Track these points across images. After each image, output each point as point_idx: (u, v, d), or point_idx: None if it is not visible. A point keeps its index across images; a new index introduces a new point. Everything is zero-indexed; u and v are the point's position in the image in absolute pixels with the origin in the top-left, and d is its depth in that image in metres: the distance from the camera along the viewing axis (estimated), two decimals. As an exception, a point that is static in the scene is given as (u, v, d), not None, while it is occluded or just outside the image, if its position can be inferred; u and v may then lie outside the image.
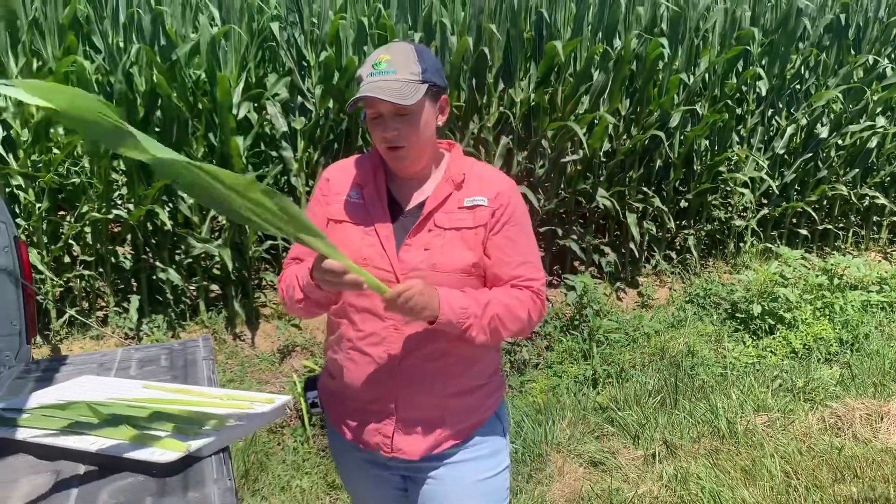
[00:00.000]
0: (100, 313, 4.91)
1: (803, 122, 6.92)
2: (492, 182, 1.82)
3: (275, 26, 5.24)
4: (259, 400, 1.89)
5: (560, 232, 6.15)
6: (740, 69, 6.72)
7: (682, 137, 6.34)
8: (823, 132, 6.91)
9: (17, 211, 4.64)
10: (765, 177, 6.66)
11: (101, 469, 1.59)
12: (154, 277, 5.03)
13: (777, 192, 6.91)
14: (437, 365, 1.79)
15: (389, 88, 1.65)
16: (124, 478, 1.55)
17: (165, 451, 1.57)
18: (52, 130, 4.80)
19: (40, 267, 4.57)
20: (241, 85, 5.09)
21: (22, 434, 1.72)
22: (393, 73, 1.68)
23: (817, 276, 6.05)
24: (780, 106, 6.95)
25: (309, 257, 1.77)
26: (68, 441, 1.66)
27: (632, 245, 6.24)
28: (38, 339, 4.51)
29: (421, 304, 1.60)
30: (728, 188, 6.79)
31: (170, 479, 1.53)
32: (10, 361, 2.57)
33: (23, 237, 4.14)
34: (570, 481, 3.59)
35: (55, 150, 4.73)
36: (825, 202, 7.31)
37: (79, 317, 4.26)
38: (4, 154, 4.68)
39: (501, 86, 5.79)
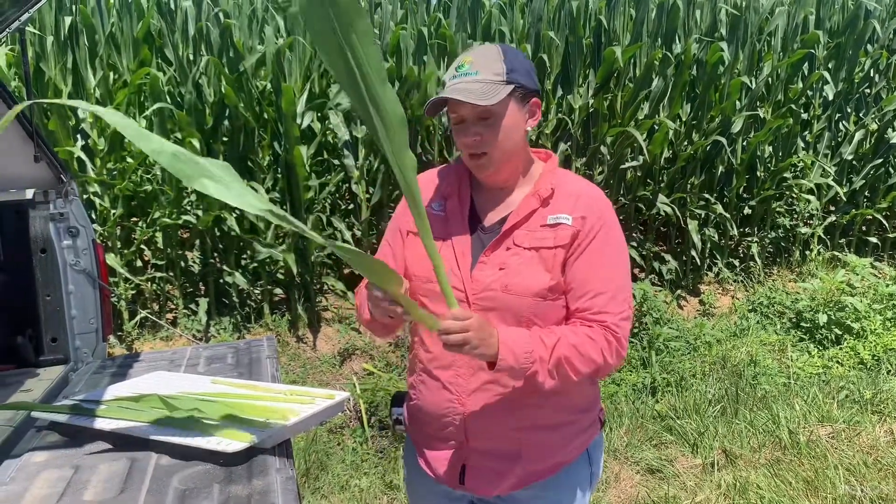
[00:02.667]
0: (169, 315, 5.11)
1: (873, 126, 6.73)
2: (581, 198, 1.64)
3: (337, 37, 5.37)
4: (320, 395, 1.96)
5: (619, 239, 6.12)
6: (805, 73, 6.58)
7: (744, 143, 6.24)
8: (894, 137, 6.71)
9: (93, 217, 4.87)
10: (832, 183, 6.50)
11: (172, 457, 1.68)
12: (221, 281, 5.20)
13: (845, 198, 6.73)
14: (510, 395, 1.63)
15: (468, 90, 1.54)
16: (193, 466, 1.63)
17: (232, 441, 1.65)
18: (126, 140, 5.03)
19: (118, 269, 4.78)
20: (305, 95, 5.24)
21: (100, 424, 1.84)
22: (475, 74, 1.57)
23: (888, 285, 5.87)
24: (849, 110, 6.78)
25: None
26: (143, 431, 1.77)
27: (693, 252, 6.17)
28: (112, 338, 4.72)
29: (475, 341, 1.44)
30: (793, 195, 6.65)
31: (235, 468, 1.61)
32: (87, 357, 2.72)
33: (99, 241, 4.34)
34: (627, 488, 3.58)
35: (129, 159, 4.95)
36: (896, 209, 7.10)
37: (152, 316, 4.44)
38: (83, 162, 4.91)
39: (560, 92, 5.82)
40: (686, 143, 6.11)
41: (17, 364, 2.61)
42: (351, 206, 5.87)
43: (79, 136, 4.93)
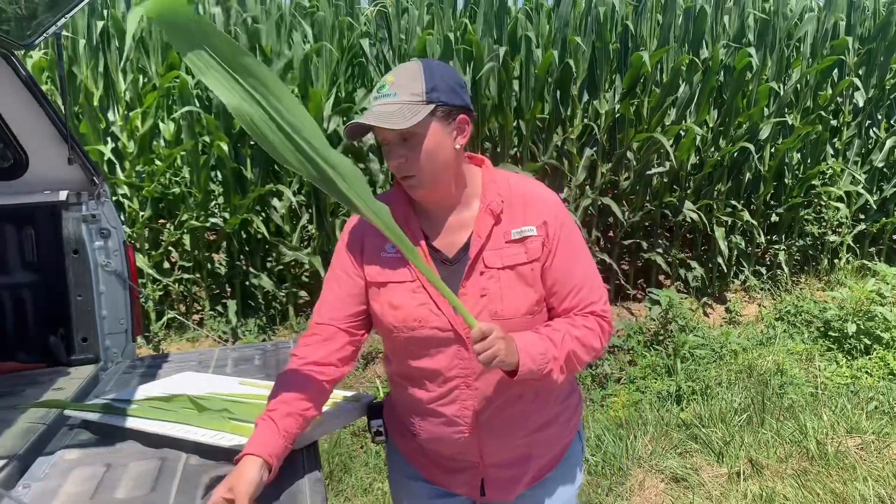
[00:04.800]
0: (196, 317, 5.16)
1: (904, 133, 6.65)
2: (536, 204, 1.63)
3: (364, 43, 5.41)
4: (346, 398, 1.97)
5: (645, 245, 6.10)
6: (836, 79, 6.51)
7: (772, 150, 6.18)
8: (926, 145, 6.63)
9: (122, 218, 4.94)
10: (861, 191, 6.42)
11: (202, 457, 1.70)
12: (247, 283, 5.24)
13: (875, 206, 6.64)
14: (515, 409, 1.67)
15: (383, 113, 1.50)
16: (223, 465, 1.65)
17: (260, 441, 1.67)
18: (154, 143, 5.09)
19: (146, 270, 4.84)
20: (332, 100, 5.27)
21: (131, 423, 1.86)
22: (393, 95, 1.51)
23: (919, 294, 5.78)
24: (879, 117, 6.70)
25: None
26: (173, 430, 1.79)
27: (719, 259, 6.12)
28: (140, 339, 4.77)
29: (503, 356, 1.46)
30: (822, 202, 6.57)
31: (264, 468, 1.63)
32: (117, 357, 2.76)
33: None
34: (651, 496, 3.55)
35: (158, 162, 5.01)
36: (928, 217, 6.99)
37: (179, 317, 4.50)
38: (113, 164, 4.98)
39: (586, 97, 5.80)
40: (713, 149, 6.06)
41: (49, 363, 2.65)
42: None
43: (109, 138, 5.00)
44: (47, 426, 1.95)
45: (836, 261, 6.65)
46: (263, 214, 5.24)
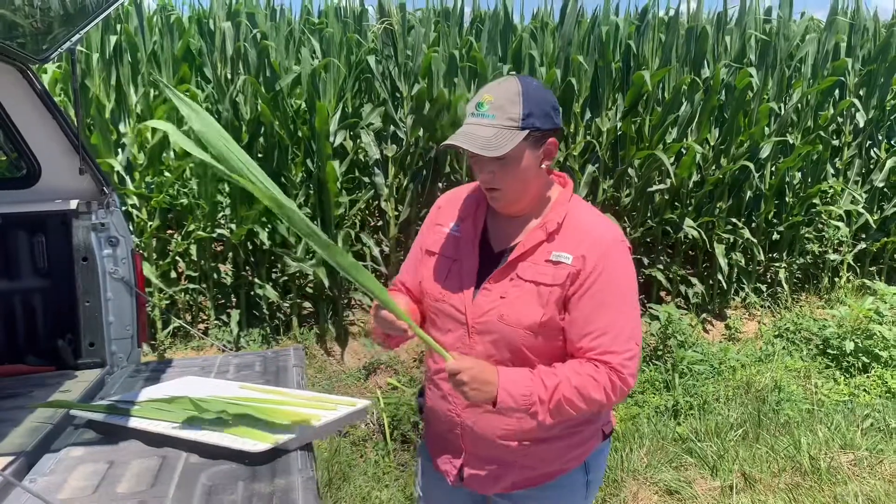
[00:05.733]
0: (201, 326, 5.24)
1: (905, 154, 6.71)
2: (585, 237, 1.64)
3: (371, 59, 5.52)
4: (342, 403, 2.04)
5: (646, 261, 6.16)
6: (837, 99, 6.58)
7: (773, 169, 6.25)
8: (927, 165, 6.68)
9: (131, 228, 5.03)
10: (862, 210, 6.47)
11: (200, 456, 1.77)
12: (252, 293, 5.33)
13: (875, 226, 6.69)
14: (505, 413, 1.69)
15: (480, 137, 1.57)
16: (220, 464, 1.73)
17: (257, 442, 1.74)
18: (164, 155, 5.20)
19: (153, 280, 4.93)
20: (338, 114, 5.37)
21: (133, 423, 1.94)
22: (491, 117, 1.58)
23: (917, 313, 5.82)
24: (880, 138, 6.76)
25: (408, 286, 1.89)
26: (173, 431, 1.86)
27: (720, 276, 6.18)
28: (145, 347, 4.86)
29: (470, 393, 1.55)
30: (823, 221, 6.63)
31: (260, 467, 1.70)
32: (122, 362, 2.84)
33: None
34: (645, 507, 3.61)
35: (167, 174, 5.12)
36: (929, 237, 7.03)
37: (185, 326, 4.57)
38: (123, 175, 5.08)
39: (588, 115, 5.89)
40: (714, 167, 6.13)
41: (57, 366, 2.73)
42: (380, 222, 5.98)
43: (119, 150, 5.11)
44: (54, 425, 2.03)
45: (836, 279, 6.69)
46: (269, 226, 5.32)
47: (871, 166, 6.78)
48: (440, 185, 5.75)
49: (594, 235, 1.65)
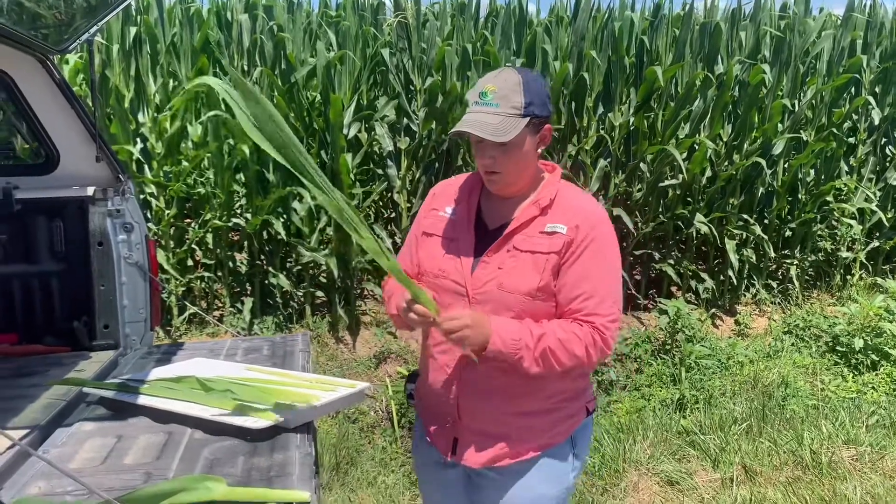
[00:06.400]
0: (216, 313, 5.35)
1: (920, 152, 6.67)
2: (577, 211, 1.79)
3: (385, 52, 5.58)
4: (342, 385, 2.12)
5: (657, 256, 6.19)
6: (853, 96, 6.56)
7: (786, 165, 6.25)
8: (943, 163, 6.64)
9: (149, 216, 5.14)
10: (875, 208, 6.45)
11: (204, 432, 1.86)
12: (266, 282, 5.42)
13: (889, 224, 6.67)
14: (499, 381, 1.80)
15: (488, 124, 1.69)
16: (223, 440, 1.81)
17: (259, 420, 1.82)
18: (182, 144, 5.30)
19: (167, 267, 5.04)
20: (353, 106, 5.45)
21: (142, 400, 2.03)
22: (496, 106, 1.70)
23: (929, 312, 5.80)
24: (895, 135, 6.72)
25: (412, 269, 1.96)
26: (180, 408, 1.95)
27: (730, 272, 6.19)
28: (161, 332, 4.97)
29: (470, 335, 1.66)
30: (835, 219, 6.62)
31: (260, 443, 1.78)
32: (135, 344, 2.93)
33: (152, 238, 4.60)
34: (645, 497, 3.66)
35: (184, 163, 5.22)
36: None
37: (201, 312, 4.68)
38: (141, 164, 5.19)
39: (601, 110, 5.92)
40: (727, 163, 6.14)
41: (72, 347, 2.82)
42: (393, 214, 6.05)
43: (138, 139, 5.22)
44: (68, 402, 2.12)
45: (848, 277, 6.68)
46: (284, 216, 5.41)
47: (886, 164, 6.75)
48: (452, 177, 5.80)
49: (586, 210, 1.80)
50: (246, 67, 5.45)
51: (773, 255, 6.30)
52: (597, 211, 1.82)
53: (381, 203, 6.17)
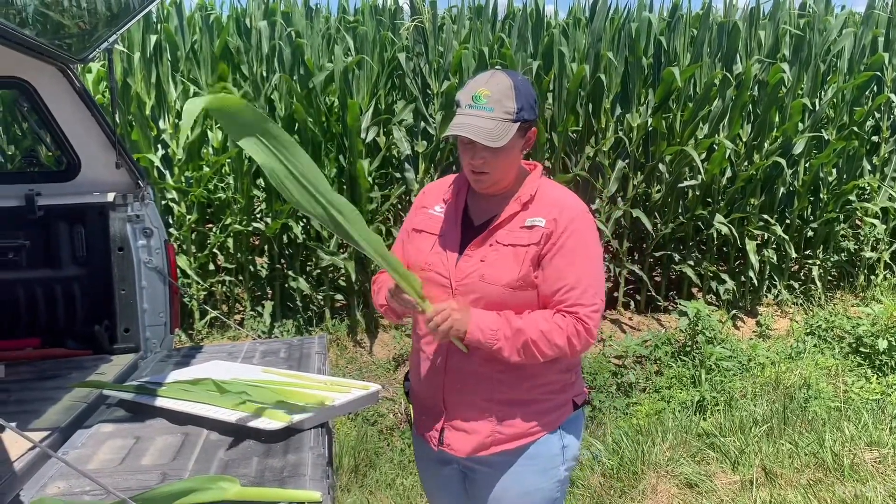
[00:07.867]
0: (237, 316, 5.40)
1: (945, 150, 6.58)
2: (556, 205, 1.85)
3: (403, 57, 5.61)
4: (356, 386, 2.14)
5: (677, 257, 6.16)
6: (875, 94, 6.48)
7: (807, 165, 6.19)
8: (968, 161, 6.55)
9: (170, 221, 5.21)
10: (899, 207, 6.38)
11: (220, 433, 1.89)
12: (286, 286, 5.47)
13: (913, 223, 6.59)
14: (483, 370, 1.85)
15: (482, 129, 1.73)
16: (238, 441, 1.84)
17: (273, 421, 1.85)
18: (202, 150, 5.37)
19: (189, 272, 5.10)
20: (371, 111, 5.48)
21: (160, 402, 2.07)
22: (490, 110, 1.74)
23: (955, 312, 5.71)
24: (919, 134, 6.64)
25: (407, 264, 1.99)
26: (196, 409, 1.98)
27: (751, 273, 6.14)
28: (182, 336, 5.03)
29: (454, 325, 1.71)
30: (858, 218, 6.54)
31: (274, 444, 1.81)
32: (155, 347, 2.98)
33: (173, 242, 4.66)
34: (663, 499, 3.64)
35: (205, 168, 5.28)
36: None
37: (222, 316, 4.73)
38: (162, 170, 5.26)
39: (618, 111, 5.91)
40: (746, 163, 6.10)
41: (94, 350, 2.87)
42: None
43: (159, 146, 5.29)
44: (88, 404, 2.16)
45: (872, 277, 6.60)
46: (304, 220, 5.46)
47: (911, 163, 6.67)
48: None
49: (565, 204, 1.86)
50: (265, 73, 5.50)
51: (794, 255, 6.24)
52: (575, 204, 1.87)
53: (399, 206, 6.19)
